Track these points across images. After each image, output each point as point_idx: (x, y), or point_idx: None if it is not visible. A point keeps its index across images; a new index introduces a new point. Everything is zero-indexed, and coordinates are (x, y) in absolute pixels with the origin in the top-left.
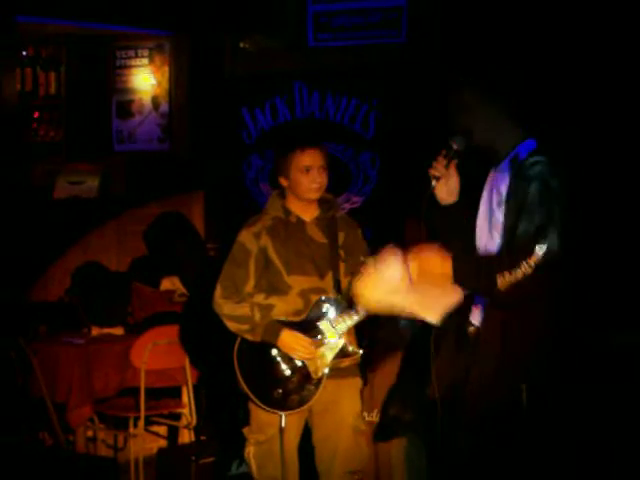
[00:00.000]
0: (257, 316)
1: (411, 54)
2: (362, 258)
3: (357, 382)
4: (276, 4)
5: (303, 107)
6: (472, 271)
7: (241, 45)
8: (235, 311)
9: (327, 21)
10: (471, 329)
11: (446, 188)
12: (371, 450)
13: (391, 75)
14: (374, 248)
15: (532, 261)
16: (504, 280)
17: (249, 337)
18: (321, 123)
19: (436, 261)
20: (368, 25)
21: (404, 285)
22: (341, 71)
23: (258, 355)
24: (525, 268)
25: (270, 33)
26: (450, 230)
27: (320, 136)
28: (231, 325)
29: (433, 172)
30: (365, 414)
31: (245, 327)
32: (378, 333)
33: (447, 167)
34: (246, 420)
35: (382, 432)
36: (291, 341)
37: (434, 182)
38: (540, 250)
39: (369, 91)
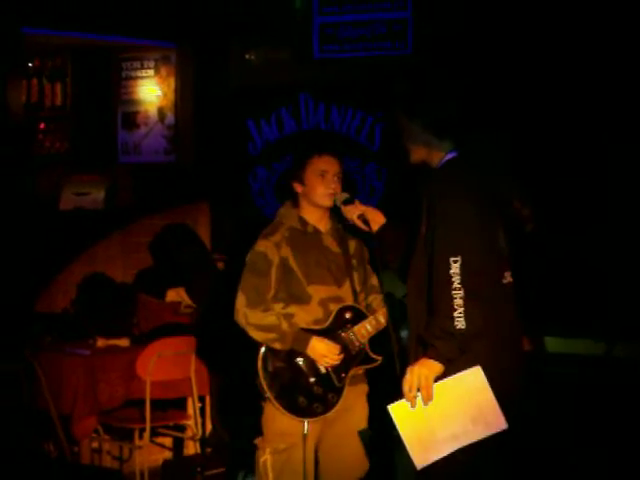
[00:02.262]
0: (284, 325)
1: (416, 66)
2: (368, 266)
3: (366, 388)
4: (282, 16)
5: (309, 119)
6: (445, 345)
7: (247, 56)
8: (262, 320)
9: (333, 33)
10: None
11: (374, 220)
12: None
13: (395, 87)
14: (380, 259)
15: (453, 274)
16: (454, 319)
17: (277, 346)
18: (327, 134)
19: (430, 373)
20: (374, 37)
21: None
22: (347, 83)
23: (283, 363)
24: (453, 287)
25: (276, 45)
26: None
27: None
28: (257, 334)
29: (365, 228)
30: None
31: (273, 336)
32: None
33: (357, 215)
34: (257, 430)
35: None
36: (322, 348)
37: (365, 227)
38: (455, 263)
39: (375, 103)
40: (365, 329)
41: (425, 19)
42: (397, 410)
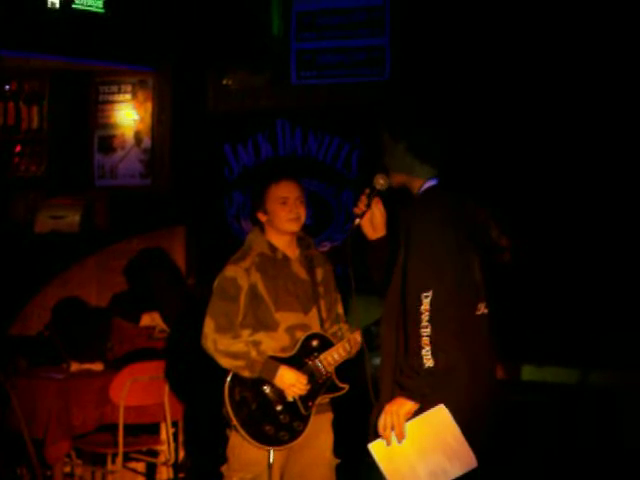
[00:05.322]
0: (253, 352)
1: (394, 92)
2: (334, 295)
3: (331, 416)
4: (260, 41)
5: (285, 144)
6: (414, 383)
7: (224, 82)
8: (231, 347)
9: (310, 59)
10: None
11: (371, 225)
12: None
13: (374, 113)
14: (357, 286)
15: (424, 310)
16: (425, 359)
17: (245, 374)
18: (302, 160)
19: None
20: (351, 63)
21: None
22: (324, 109)
23: (249, 391)
24: (423, 324)
25: (253, 70)
26: (377, 264)
27: (298, 171)
28: (225, 361)
29: (355, 210)
30: None
31: (240, 363)
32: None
33: (368, 205)
34: (223, 458)
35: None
36: (290, 378)
37: (357, 220)
38: (426, 299)
39: (352, 129)
40: (332, 357)
41: (403, 46)
42: (377, 448)
